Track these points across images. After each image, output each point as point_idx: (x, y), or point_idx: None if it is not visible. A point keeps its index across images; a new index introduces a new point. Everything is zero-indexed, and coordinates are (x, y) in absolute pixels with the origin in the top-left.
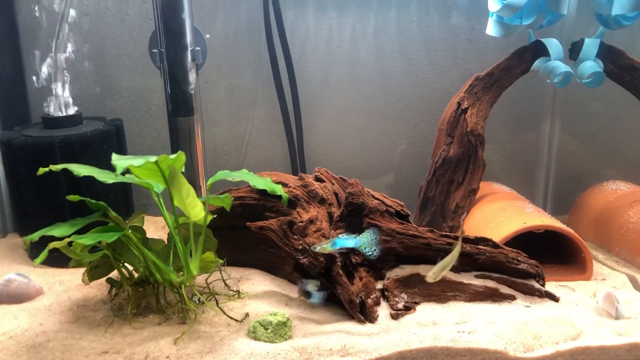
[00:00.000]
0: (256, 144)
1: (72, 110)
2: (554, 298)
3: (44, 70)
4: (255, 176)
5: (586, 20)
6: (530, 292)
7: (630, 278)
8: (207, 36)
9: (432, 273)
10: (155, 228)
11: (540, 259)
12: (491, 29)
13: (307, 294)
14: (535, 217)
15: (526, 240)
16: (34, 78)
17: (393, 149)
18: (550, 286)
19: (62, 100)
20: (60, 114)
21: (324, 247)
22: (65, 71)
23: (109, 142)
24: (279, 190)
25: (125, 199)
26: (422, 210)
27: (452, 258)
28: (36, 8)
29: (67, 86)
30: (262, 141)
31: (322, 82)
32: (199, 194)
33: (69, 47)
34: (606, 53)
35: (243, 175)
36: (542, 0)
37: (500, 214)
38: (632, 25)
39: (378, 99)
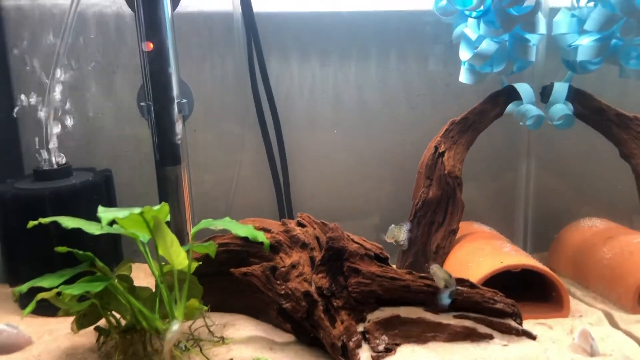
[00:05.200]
0: (244, 188)
1: (62, 163)
2: (531, 336)
3: (36, 121)
4: (237, 224)
5: (556, 65)
6: (508, 331)
7: (606, 314)
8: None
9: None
10: (145, 275)
11: (521, 297)
12: (463, 76)
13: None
14: (513, 257)
15: (507, 278)
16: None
17: (378, 191)
18: (529, 324)
19: (53, 153)
20: (50, 167)
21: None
22: (57, 123)
23: (98, 192)
24: (261, 237)
25: (114, 247)
26: (405, 252)
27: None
28: (28, 61)
29: (57, 138)
30: (249, 185)
31: (307, 128)
32: (186, 241)
33: (61, 100)
34: (575, 96)
35: (225, 223)
36: (510, 48)
37: (479, 254)
38: (600, 69)
39: (362, 143)
